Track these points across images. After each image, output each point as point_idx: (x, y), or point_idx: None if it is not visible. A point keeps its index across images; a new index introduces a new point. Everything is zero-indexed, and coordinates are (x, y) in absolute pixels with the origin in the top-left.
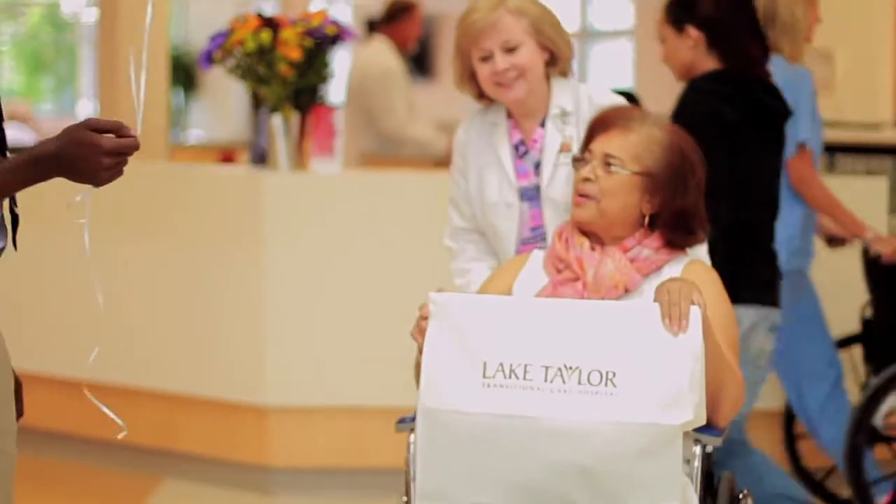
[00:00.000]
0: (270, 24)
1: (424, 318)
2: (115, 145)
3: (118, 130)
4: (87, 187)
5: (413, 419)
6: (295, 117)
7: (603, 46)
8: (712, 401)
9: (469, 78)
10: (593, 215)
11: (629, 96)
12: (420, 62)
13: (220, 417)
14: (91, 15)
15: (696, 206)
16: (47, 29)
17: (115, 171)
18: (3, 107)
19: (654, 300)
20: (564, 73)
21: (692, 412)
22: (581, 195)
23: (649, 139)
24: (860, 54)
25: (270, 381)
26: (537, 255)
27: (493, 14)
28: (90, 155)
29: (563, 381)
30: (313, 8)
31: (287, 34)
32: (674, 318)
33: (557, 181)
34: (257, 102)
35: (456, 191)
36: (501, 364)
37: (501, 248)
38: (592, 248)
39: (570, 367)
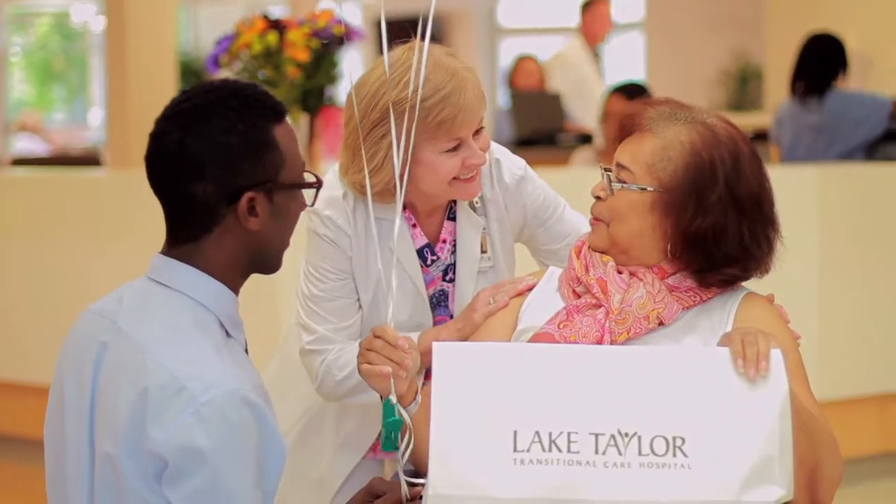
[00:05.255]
0: (277, 26)
1: (399, 362)
2: None
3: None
4: None
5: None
6: (304, 119)
7: (614, 39)
8: (810, 479)
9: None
10: (604, 242)
11: (637, 88)
12: None
13: None
14: (101, 24)
15: (721, 229)
16: (57, 39)
17: None
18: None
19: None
20: None
21: (785, 485)
22: (594, 217)
23: (668, 143)
24: None
25: None
26: (554, 273)
27: (471, 92)
28: None
29: (620, 453)
30: (321, 9)
31: (294, 36)
32: (749, 358)
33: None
34: None
35: (334, 292)
36: (538, 433)
37: None
38: (619, 271)
39: (627, 434)
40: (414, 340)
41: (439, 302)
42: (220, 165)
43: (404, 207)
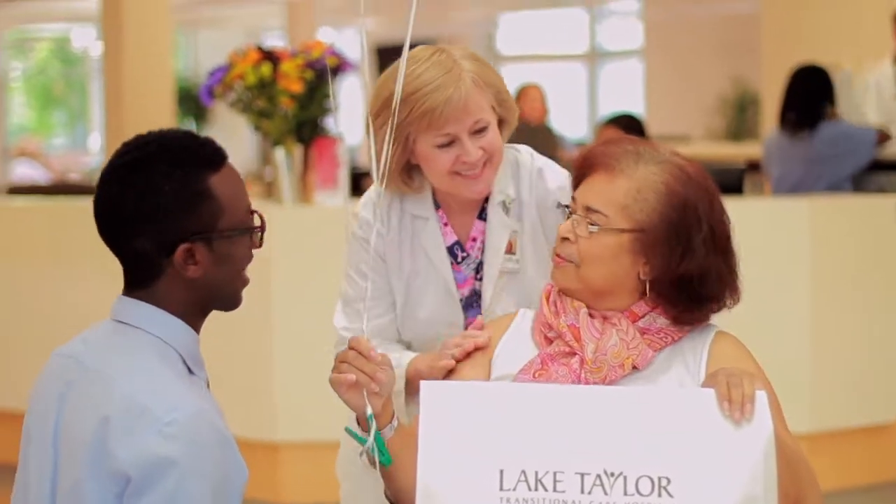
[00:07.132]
0: (270, 57)
1: (370, 374)
2: None
3: None
4: None
5: None
6: (298, 151)
7: (612, 66)
8: None
9: (403, 168)
10: (572, 281)
11: (631, 120)
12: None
13: None
14: (100, 49)
15: (705, 269)
16: (57, 64)
17: None
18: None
19: (704, 386)
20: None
21: None
22: (560, 257)
23: (641, 184)
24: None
25: (281, 417)
26: (525, 315)
27: (460, 89)
28: None
29: (605, 492)
30: (321, 36)
31: (287, 67)
32: (735, 401)
33: (507, 294)
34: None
35: (359, 291)
36: (524, 472)
37: None
38: (591, 315)
39: (613, 474)
40: (402, 360)
41: (472, 303)
42: (150, 221)
43: (438, 206)
